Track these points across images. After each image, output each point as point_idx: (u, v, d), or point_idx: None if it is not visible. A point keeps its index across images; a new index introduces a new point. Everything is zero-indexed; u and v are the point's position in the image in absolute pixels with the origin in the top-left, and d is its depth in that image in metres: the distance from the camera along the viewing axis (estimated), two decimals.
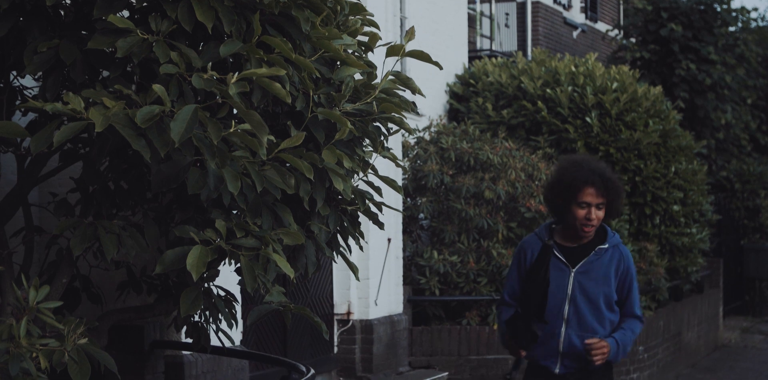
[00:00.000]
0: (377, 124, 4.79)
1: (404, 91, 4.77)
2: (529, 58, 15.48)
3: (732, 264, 17.91)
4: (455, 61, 13.18)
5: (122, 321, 5.26)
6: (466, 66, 13.43)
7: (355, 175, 4.89)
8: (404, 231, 10.34)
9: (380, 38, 4.84)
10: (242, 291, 6.49)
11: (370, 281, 9.28)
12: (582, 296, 5.23)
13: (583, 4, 19.75)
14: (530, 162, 11.02)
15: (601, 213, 5.19)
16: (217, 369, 6.76)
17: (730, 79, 16.07)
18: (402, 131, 4.88)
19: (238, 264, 4.36)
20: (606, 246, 5.30)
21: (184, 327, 5.30)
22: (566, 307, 5.24)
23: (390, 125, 4.85)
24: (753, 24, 19.85)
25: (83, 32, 4.32)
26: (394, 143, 9.55)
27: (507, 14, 17.26)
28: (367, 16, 4.83)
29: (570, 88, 12.09)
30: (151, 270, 5.24)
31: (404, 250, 10.30)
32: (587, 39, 19.62)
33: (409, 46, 4.66)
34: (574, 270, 5.24)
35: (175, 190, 4.45)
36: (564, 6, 18.77)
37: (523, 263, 5.33)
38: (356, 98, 4.60)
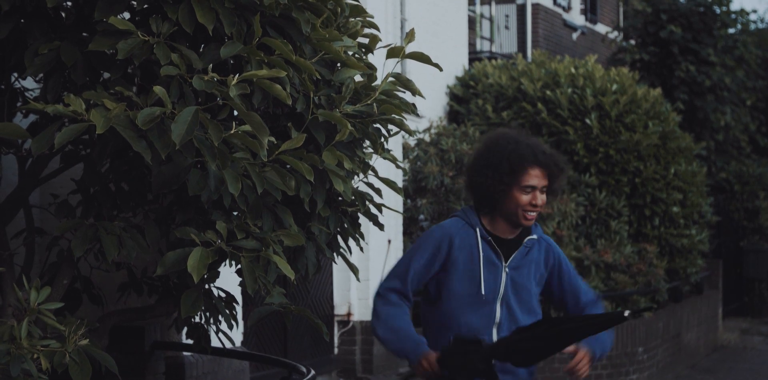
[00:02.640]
0: (377, 125, 4.80)
1: (404, 92, 4.78)
2: (529, 59, 15.49)
3: (731, 266, 17.92)
4: (455, 62, 13.20)
5: (123, 322, 5.26)
6: (466, 68, 13.44)
7: (356, 177, 4.90)
8: (404, 233, 10.35)
9: (380, 40, 4.85)
10: (243, 293, 6.50)
11: (371, 282, 9.29)
12: (515, 296, 4.41)
13: (582, 6, 19.76)
14: None
15: (545, 198, 4.40)
16: (218, 370, 6.77)
17: (730, 81, 16.08)
18: (402, 133, 4.89)
19: (239, 266, 4.37)
20: (534, 237, 4.48)
21: (185, 329, 5.30)
22: (497, 309, 4.39)
23: (390, 127, 4.86)
24: (752, 26, 19.86)
25: (84, 34, 4.33)
26: (395, 145, 9.56)
27: (507, 16, 17.27)
28: (368, 18, 4.84)
29: (570, 90, 12.10)
30: (152, 272, 5.24)
31: (404, 251, 10.30)
32: (587, 41, 19.63)
33: (409, 48, 4.67)
34: (506, 265, 4.41)
35: (176, 192, 4.46)
36: (564, 8, 18.78)
37: (445, 253, 4.39)
38: (356, 100, 4.61)
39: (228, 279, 5.24)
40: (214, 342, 5.42)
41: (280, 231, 4.40)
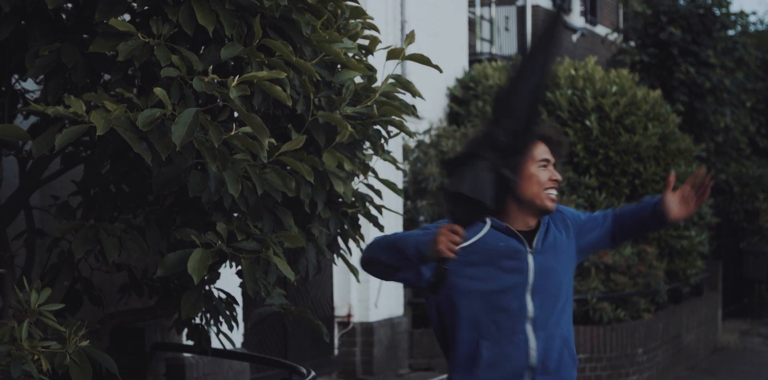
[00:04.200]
0: (377, 127, 4.80)
1: (404, 94, 4.78)
2: None
3: (731, 267, 17.91)
4: (455, 64, 13.20)
5: (123, 323, 5.27)
6: (466, 69, 13.44)
7: (356, 178, 4.91)
8: None
9: (380, 41, 4.86)
10: (243, 294, 6.49)
11: (371, 283, 9.29)
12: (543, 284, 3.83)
13: (582, 8, 19.77)
14: None
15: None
16: (218, 371, 6.77)
17: (729, 83, 16.07)
18: (402, 134, 4.89)
19: (239, 267, 4.38)
20: None
21: (185, 330, 5.31)
22: (528, 301, 3.80)
23: (390, 128, 4.87)
24: (752, 28, 19.86)
25: (84, 36, 4.34)
26: (395, 146, 9.56)
27: (507, 18, 17.28)
28: (368, 20, 4.85)
29: (570, 92, 12.10)
30: (153, 273, 5.25)
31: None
32: (587, 42, 19.64)
33: (410, 50, 4.68)
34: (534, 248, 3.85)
35: (176, 193, 4.46)
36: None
37: None
38: (357, 101, 4.61)
39: (228, 281, 5.25)
40: (215, 344, 5.43)
41: (281, 232, 4.40)
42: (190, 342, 5.45)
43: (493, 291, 3.79)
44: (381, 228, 5.00)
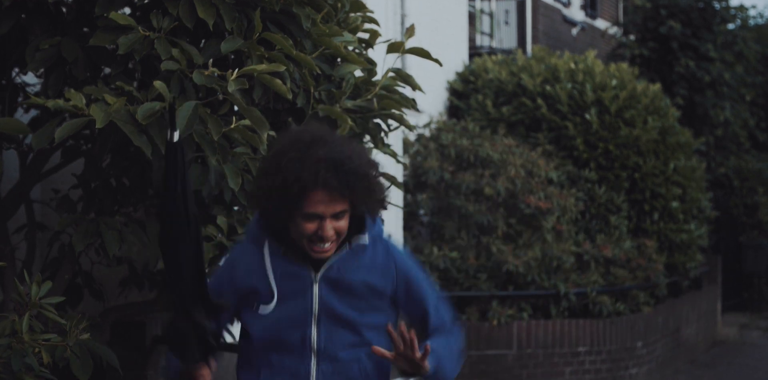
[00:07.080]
0: (378, 120, 4.81)
1: (404, 87, 4.79)
2: (529, 55, 15.50)
3: (730, 261, 17.93)
4: (455, 58, 13.20)
5: (124, 317, 5.27)
6: (466, 63, 13.45)
7: None
8: (404, 227, 10.37)
9: (380, 35, 4.86)
10: None
11: None
12: (332, 314, 3.49)
13: (582, 2, 19.76)
14: (530, 158, 11.05)
15: (342, 224, 3.44)
16: (219, 364, 6.76)
17: (729, 77, 16.08)
18: (402, 128, 4.90)
19: None
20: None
21: None
22: (312, 331, 3.52)
23: (390, 122, 4.87)
24: (751, 22, 19.86)
25: (85, 29, 4.34)
26: (395, 140, 9.56)
27: (507, 12, 17.27)
28: (368, 14, 4.85)
29: (569, 85, 12.11)
30: (153, 267, 5.25)
31: (404, 246, 10.32)
32: (587, 36, 19.64)
33: (410, 43, 4.68)
34: (319, 274, 3.46)
35: None
36: (563, 3, 18.78)
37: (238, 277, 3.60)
38: (357, 95, 4.62)
39: None
40: None
41: None
42: None
43: None
44: (381, 221, 5.00)
